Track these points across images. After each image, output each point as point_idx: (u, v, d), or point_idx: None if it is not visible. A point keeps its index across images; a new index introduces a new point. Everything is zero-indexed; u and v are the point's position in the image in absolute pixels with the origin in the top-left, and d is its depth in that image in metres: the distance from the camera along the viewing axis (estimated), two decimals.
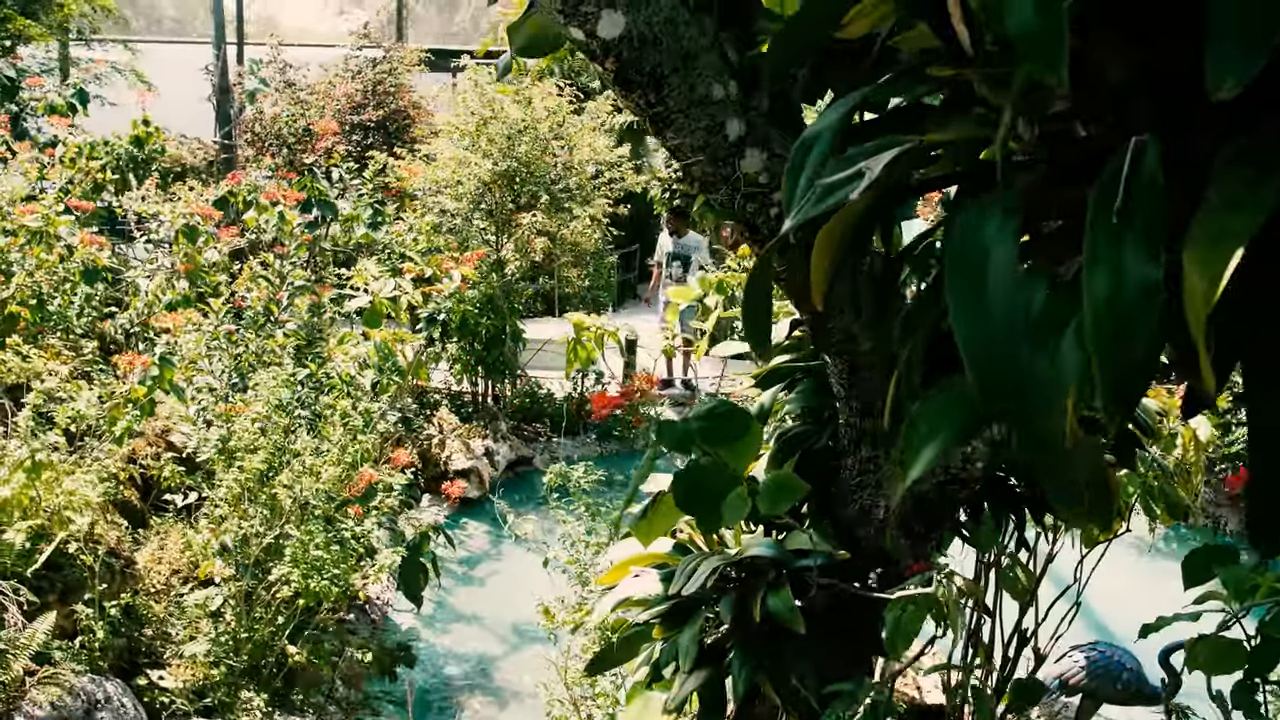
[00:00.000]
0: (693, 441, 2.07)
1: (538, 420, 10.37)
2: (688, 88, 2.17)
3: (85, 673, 4.81)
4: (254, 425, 5.79)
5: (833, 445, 3.06)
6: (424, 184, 9.37)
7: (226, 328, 6.23)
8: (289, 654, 5.78)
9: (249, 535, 5.71)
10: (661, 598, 3.02)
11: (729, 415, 2.13)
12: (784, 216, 2.46)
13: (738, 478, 2.07)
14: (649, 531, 2.42)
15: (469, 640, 7.35)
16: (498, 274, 9.15)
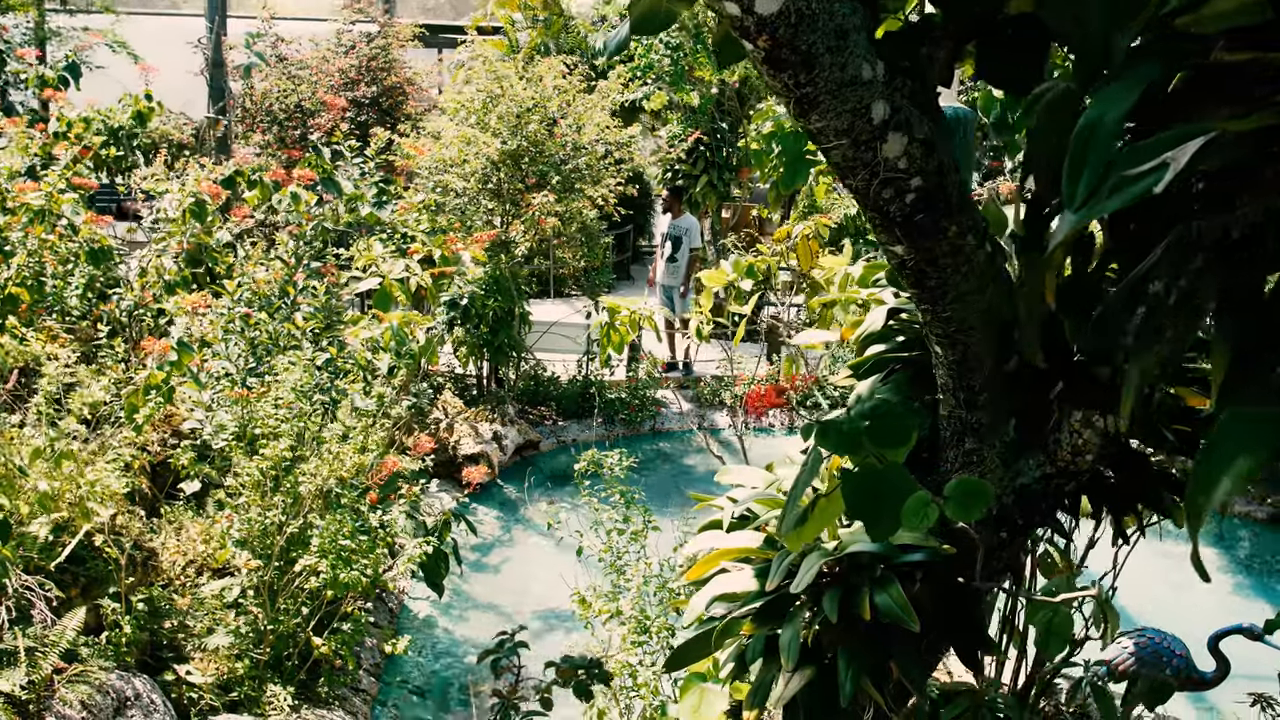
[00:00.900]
0: (861, 443, 1.95)
1: (542, 403, 10.24)
2: (838, 68, 2.04)
3: (113, 669, 4.66)
4: (278, 411, 5.63)
5: (930, 437, 2.96)
6: (431, 162, 9.17)
7: (242, 310, 6.05)
8: (315, 646, 5.64)
9: (272, 525, 5.56)
10: (757, 593, 2.92)
11: (894, 415, 2.02)
12: (920, 203, 2.35)
13: (913, 482, 1.96)
14: (801, 537, 2.30)
15: (487, 628, 7.22)
16: (506, 255, 8.99)
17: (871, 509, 1.92)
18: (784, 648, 2.80)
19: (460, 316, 8.36)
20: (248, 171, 7.60)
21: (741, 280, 5.59)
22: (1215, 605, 6.99)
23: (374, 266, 8.04)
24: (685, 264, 11.01)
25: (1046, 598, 2.17)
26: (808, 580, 2.66)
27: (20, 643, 4.22)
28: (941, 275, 2.44)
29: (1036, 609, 2.18)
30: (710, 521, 3.37)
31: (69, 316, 6.89)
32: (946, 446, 2.89)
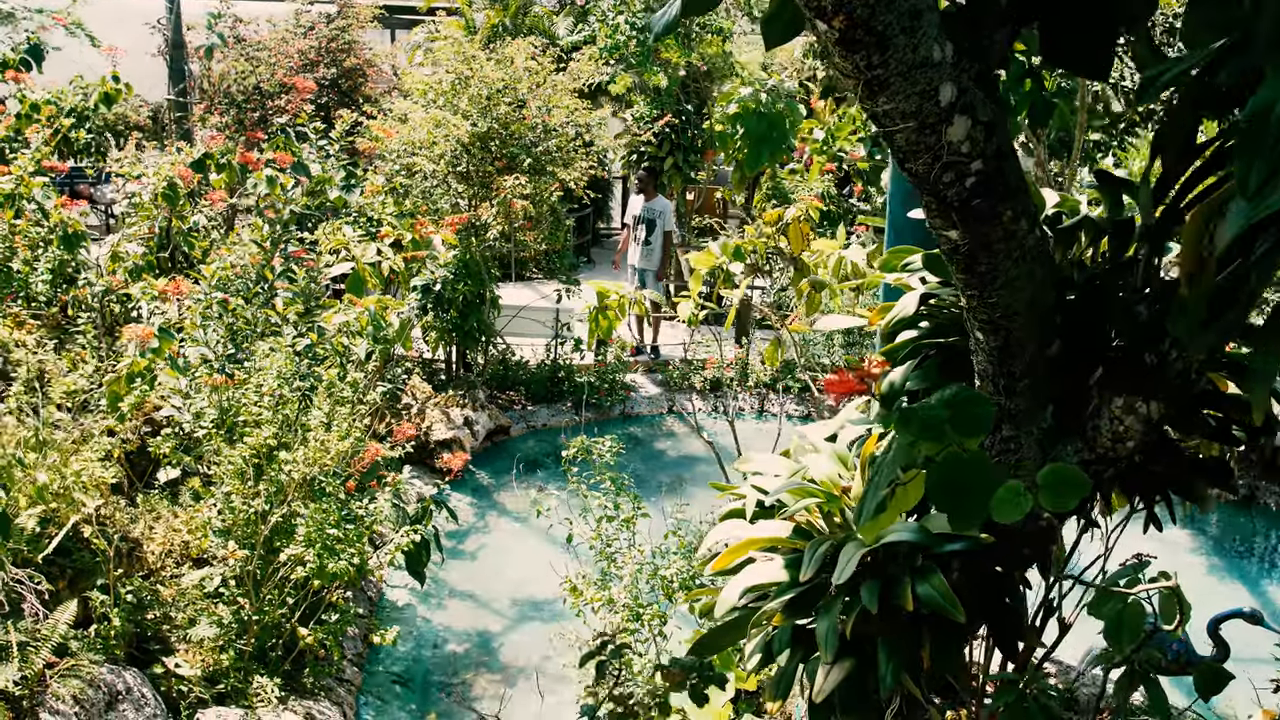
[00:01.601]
0: (944, 431, 1.93)
1: (511, 388, 10.17)
2: (911, 49, 2.02)
3: (103, 663, 4.55)
4: (261, 398, 5.52)
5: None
6: (399, 145, 9.02)
7: (219, 296, 5.92)
8: (300, 636, 5.56)
9: (255, 514, 5.46)
10: (789, 584, 2.90)
11: (973, 402, 2.01)
12: (979, 187, 2.33)
13: (999, 471, 1.94)
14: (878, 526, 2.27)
15: (466, 616, 7.17)
16: (477, 239, 8.89)
17: (957, 499, 1.91)
18: (821, 639, 2.78)
19: (433, 301, 8.26)
20: (217, 154, 7.43)
21: (731, 263, 5.57)
22: (1194, 587, 7.11)
23: (343, 250, 7.91)
24: (659, 247, 10.97)
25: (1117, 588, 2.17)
26: (849, 572, 2.65)
27: (13, 637, 4.10)
28: (993, 260, 2.44)
29: (1105, 600, 2.18)
30: (730, 510, 3.35)
31: (34, 302, 6.70)
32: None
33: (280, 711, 5.30)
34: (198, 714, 4.89)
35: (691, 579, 5.20)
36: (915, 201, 4.51)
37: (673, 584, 5.23)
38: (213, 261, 6.16)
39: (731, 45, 13.40)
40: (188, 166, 6.86)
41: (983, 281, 2.49)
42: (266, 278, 6.26)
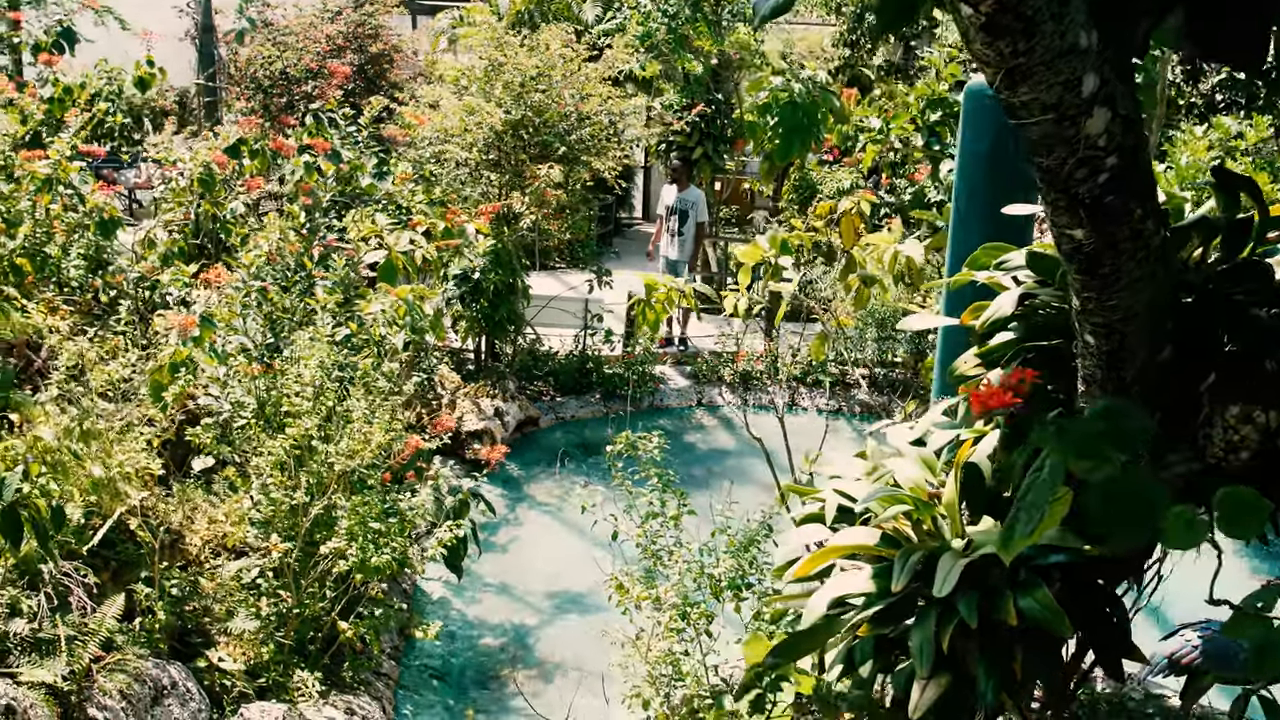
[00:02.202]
0: (1102, 448, 1.83)
1: (539, 379, 10.06)
2: (1058, 35, 1.91)
3: (148, 657, 4.48)
4: (304, 388, 5.43)
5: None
6: (431, 132, 8.92)
7: (258, 284, 5.83)
8: (341, 630, 5.48)
9: (298, 505, 5.38)
10: (880, 594, 2.80)
11: (1127, 415, 1.90)
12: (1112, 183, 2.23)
13: (1163, 491, 1.84)
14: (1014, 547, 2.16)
15: (501, 610, 7.09)
16: (509, 228, 8.78)
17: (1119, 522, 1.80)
18: (916, 652, 2.68)
19: (471, 290, 8.15)
20: (251, 140, 7.33)
21: (779, 256, 5.46)
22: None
23: (376, 239, 7.81)
24: (691, 238, 10.85)
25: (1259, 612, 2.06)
26: (951, 584, 2.55)
27: (61, 631, 4.03)
28: (1117, 261, 2.33)
29: (1247, 623, 2.07)
30: (808, 514, 3.24)
31: (66, 288, 6.61)
32: None
33: (321, 706, 5.23)
34: (241, 708, 4.82)
35: (741, 579, 5.10)
36: (982, 196, 4.41)
37: (721, 583, 5.13)
38: (251, 249, 6.06)
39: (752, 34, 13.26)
40: (223, 152, 6.76)
41: (1104, 283, 2.38)
42: (305, 266, 6.17)
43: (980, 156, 4.33)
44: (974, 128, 4.31)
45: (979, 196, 4.39)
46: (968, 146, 4.36)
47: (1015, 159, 4.29)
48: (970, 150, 4.35)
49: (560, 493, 8.85)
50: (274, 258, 5.98)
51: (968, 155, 4.37)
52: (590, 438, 9.79)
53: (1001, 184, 4.30)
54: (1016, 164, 4.31)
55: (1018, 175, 4.34)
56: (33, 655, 4.01)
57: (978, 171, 4.36)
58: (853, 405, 10.29)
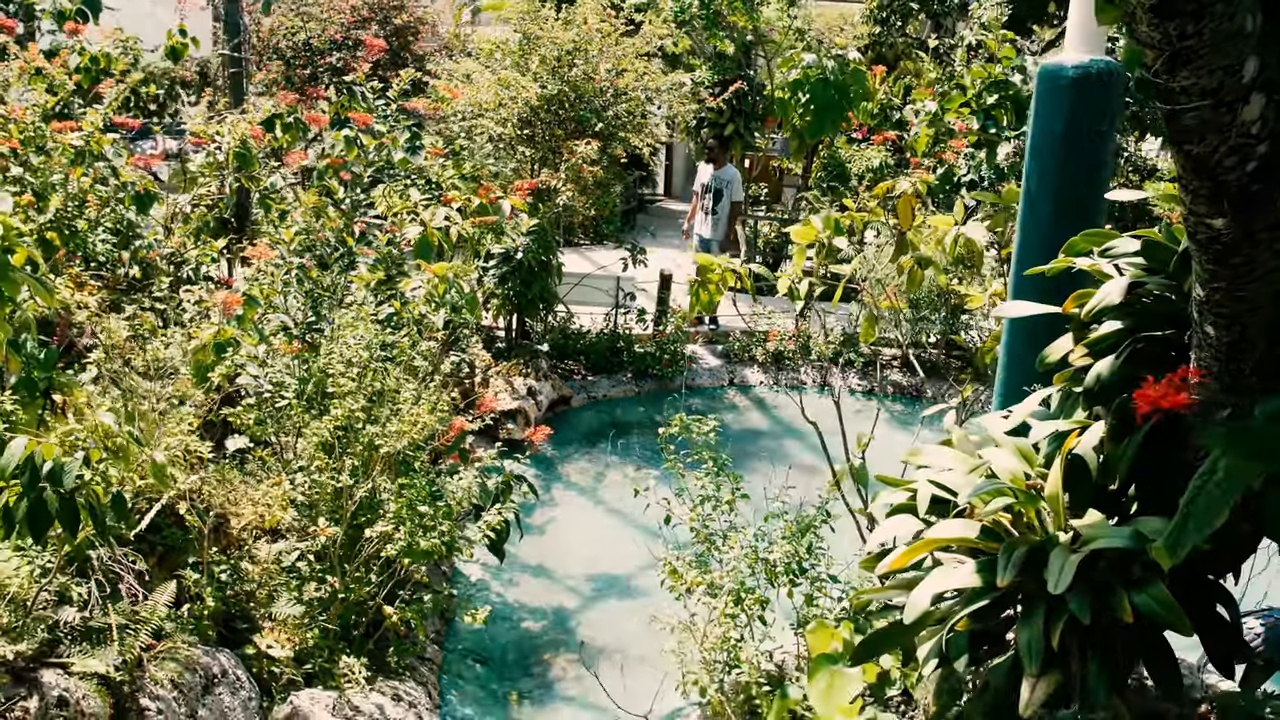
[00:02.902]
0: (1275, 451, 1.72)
1: (570, 357, 9.96)
2: (1228, 18, 1.79)
3: (196, 644, 4.40)
4: (349, 369, 5.34)
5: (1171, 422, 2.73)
6: (465, 106, 8.78)
7: (297, 261, 5.72)
8: (387, 615, 5.41)
9: (343, 489, 5.29)
10: (984, 589, 2.70)
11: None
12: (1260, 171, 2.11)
13: None
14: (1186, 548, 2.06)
15: (540, 593, 7.01)
16: (544, 204, 8.66)
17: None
18: (1025, 650, 2.59)
19: (513, 270, 8.05)
20: (285, 112, 7.20)
21: (835, 237, 5.33)
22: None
23: (410, 214, 7.69)
24: (726, 217, 10.71)
25: None
26: (1067, 580, 2.45)
27: (113, 619, 3.95)
28: (1253, 251, 2.22)
29: None
30: (899, 505, 3.14)
31: (93, 263, 6.51)
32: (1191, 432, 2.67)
33: (368, 692, 5.16)
34: (290, 695, 4.74)
35: (798, 564, 5.01)
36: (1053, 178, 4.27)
37: (776, 569, 5.04)
38: (290, 225, 5.95)
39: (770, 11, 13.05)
40: (259, 125, 6.63)
41: (1235, 274, 2.27)
42: (346, 242, 6.06)
43: (1054, 138, 4.20)
44: (1047, 109, 4.18)
45: (1050, 178, 4.27)
46: (1041, 128, 4.23)
47: (1090, 141, 4.17)
48: (1043, 132, 4.22)
49: (595, 473, 8.77)
50: (318, 234, 5.85)
51: (1040, 137, 4.24)
52: (622, 417, 9.70)
53: (1075, 166, 4.19)
54: (1091, 146, 4.20)
55: (1091, 157, 4.23)
56: (84, 644, 3.93)
57: (1050, 154, 4.24)
58: (885, 386, 10.18)
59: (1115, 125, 4.27)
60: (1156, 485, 2.77)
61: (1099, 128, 4.14)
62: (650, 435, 9.75)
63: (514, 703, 5.94)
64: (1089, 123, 4.13)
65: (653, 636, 6.46)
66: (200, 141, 7.07)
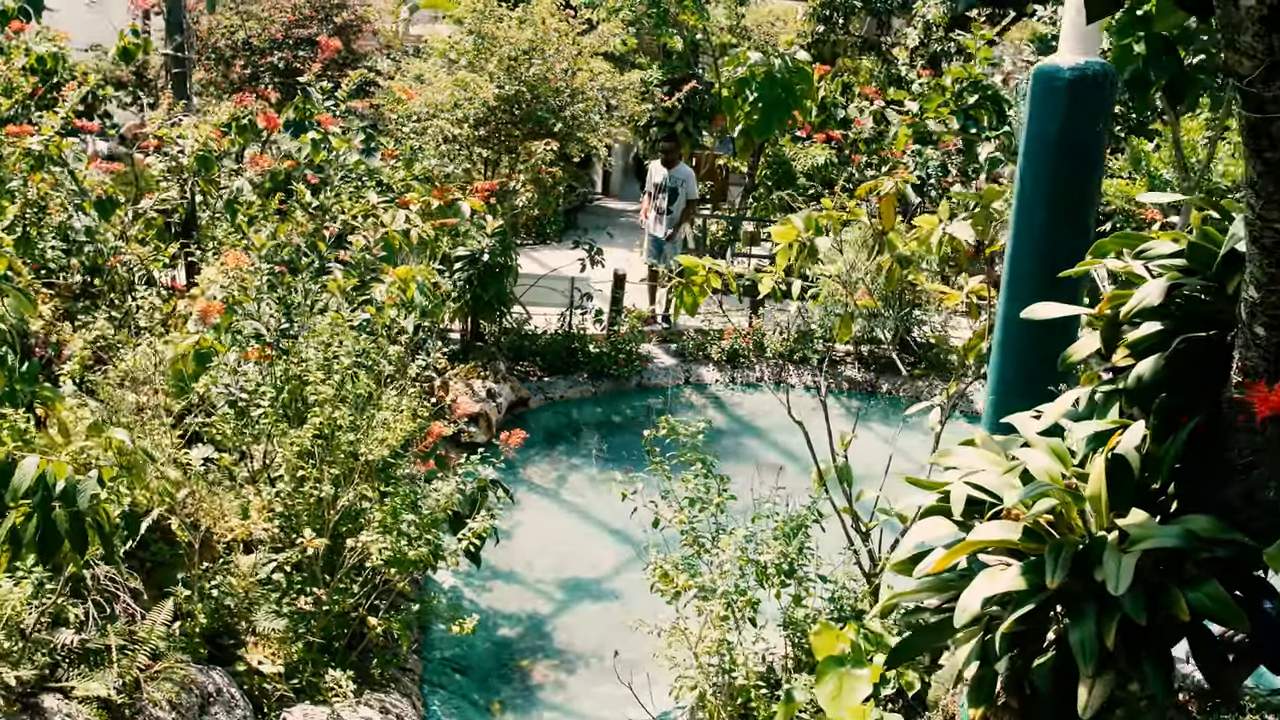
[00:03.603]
0: None
1: (525, 358, 9.88)
2: None
3: (189, 663, 4.27)
4: (330, 376, 5.23)
5: (1213, 421, 2.79)
6: (420, 107, 8.64)
7: (271, 267, 5.58)
8: (370, 626, 5.31)
9: (326, 498, 5.18)
10: (1031, 590, 2.73)
11: None
12: None
13: None
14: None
15: (513, 598, 6.94)
16: (503, 205, 8.56)
17: None
18: (1079, 650, 2.62)
19: (482, 271, 7.95)
20: (240, 115, 7.03)
21: (817, 238, 5.35)
22: None
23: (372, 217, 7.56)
24: (680, 215, 10.69)
25: None
26: (1126, 581, 2.48)
27: (112, 640, 3.82)
28: None
29: None
30: (931, 507, 3.16)
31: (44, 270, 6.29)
32: (1233, 431, 2.73)
33: (356, 706, 5.06)
34: (283, 713, 4.63)
35: (790, 566, 5.02)
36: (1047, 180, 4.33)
37: (768, 570, 5.04)
38: (260, 230, 5.80)
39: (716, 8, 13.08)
40: (219, 128, 6.46)
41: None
42: (318, 247, 5.92)
43: (1049, 139, 4.25)
44: (1043, 111, 4.23)
45: (1044, 180, 4.32)
46: (1036, 129, 4.28)
47: (1086, 142, 4.23)
48: (1038, 133, 4.27)
49: (556, 475, 8.71)
50: (290, 239, 5.71)
51: (1035, 138, 4.29)
52: (580, 418, 9.66)
53: (1069, 168, 4.25)
54: (1086, 147, 4.26)
55: (1086, 158, 4.29)
56: (82, 667, 3.80)
57: (1045, 155, 4.29)
58: (840, 382, 10.26)
59: (1107, 126, 4.35)
60: (1199, 484, 2.82)
61: (1095, 128, 4.20)
62: (610, 436, 9.74)
63: (496, 713, 5.88)
64: (1085, 124, 4.19)
65: (631, 640, 6.43)
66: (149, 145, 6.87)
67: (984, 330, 5.39)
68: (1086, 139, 4.26)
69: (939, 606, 3.22)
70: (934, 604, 3.24)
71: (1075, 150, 4.25)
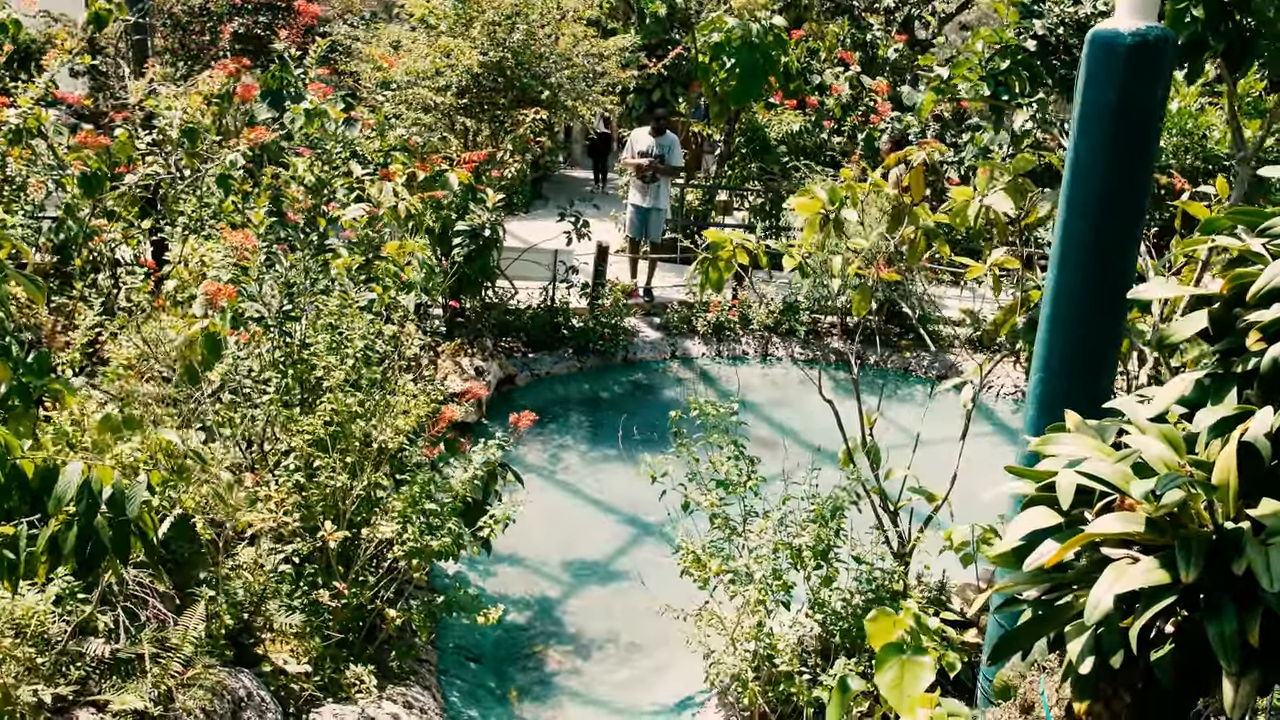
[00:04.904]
0: None
1: (509, 334, 9.65)
2: None
3: (216, 666, 4.05)
4: (344, 361, 4.99)
5: None
6: (400, 75, 8.32)
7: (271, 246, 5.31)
8: (389, 618, 5.11)
9: (342, 487, 4.96)
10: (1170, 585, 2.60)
11: None
12: None
13: None
14: None
15: (520, 583, 6.76)
16: (487, 177, 8.30)
17: None
18: (1219, 646, 2.51)
19: (483, 247, 7.69)
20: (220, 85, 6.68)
21: (844, 210, 5.19)
22: None
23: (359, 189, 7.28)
24: (666, 185, 10.47)
25: None
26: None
27: (145, 649, 3.59)
28: None
29: None
30: (1034, 496, 3.02)
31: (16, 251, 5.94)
32: None
33: (381, 701, 4.86)
34: (311, 713, 4.43)
35: (826, 550, 4.89)
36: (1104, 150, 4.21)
37: (803, 553, 4.92)
38: (259, 207, 5.51)
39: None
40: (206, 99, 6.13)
41: None
42: (318, 224, 5.64)
43: (1107, 106, 4.11)
44: (1100, 78, 4.09)
45: (1101, 149, 4.19)
46: (1092, 96, 4.15)
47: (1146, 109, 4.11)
48: (1096, 100, 4.13)
49: (550, 454, 8.52)
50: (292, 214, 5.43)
51: (1092, 106, 4.15)
52: (569, 395, 9.46)
53: (1129, 136, 4.12)
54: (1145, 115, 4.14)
55: (1146, 126, 4.16)
56: (113, 678, 3.57)
57: (1102, 123, 4.15)
58: (827, 354, 10.16)
59: (1167, 93, 4.23)
60: None
61: (1155, 95, 4.08)
62: (600, 413, 9.55)
63: (514, 701, 5.71)
64: (1145, 90, 4.06)
65: (642, 624, 6.30)
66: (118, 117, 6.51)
67: (1015, 304, 5.28)
68: (1146, 106, 4.13)
69: (1038, 599, 3.11)
70: (1032, 596, 3.13)
71: (1134, 118, 4.12)
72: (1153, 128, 4.15)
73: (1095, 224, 4.22)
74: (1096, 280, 4.28)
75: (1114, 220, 4.18)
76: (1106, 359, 4.41)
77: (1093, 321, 4.37)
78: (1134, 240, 4.25)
